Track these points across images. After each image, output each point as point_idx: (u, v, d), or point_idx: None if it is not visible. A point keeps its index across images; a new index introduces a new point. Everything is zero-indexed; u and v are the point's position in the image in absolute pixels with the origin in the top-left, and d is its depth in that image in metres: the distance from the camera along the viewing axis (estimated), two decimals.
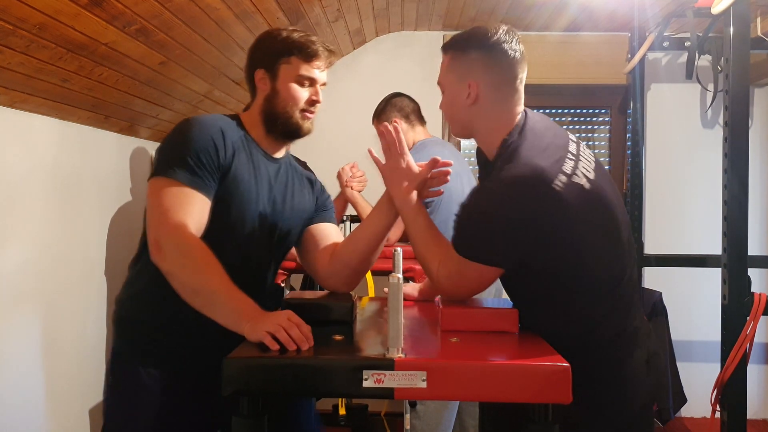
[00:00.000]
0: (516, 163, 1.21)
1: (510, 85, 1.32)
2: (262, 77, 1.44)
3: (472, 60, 1.32)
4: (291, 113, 1.42)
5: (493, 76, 1.31)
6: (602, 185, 1.26)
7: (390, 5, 2.84)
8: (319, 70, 1.43)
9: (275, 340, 1.10)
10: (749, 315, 1.98)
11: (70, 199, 2.09)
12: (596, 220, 1.23)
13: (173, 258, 1.23)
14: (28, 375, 1.88)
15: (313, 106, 1.44)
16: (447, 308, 1.30)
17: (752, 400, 3.11)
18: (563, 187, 1.18)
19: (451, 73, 1.35)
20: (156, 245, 1.24)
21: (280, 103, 1.42)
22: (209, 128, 1.35)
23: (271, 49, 1.43)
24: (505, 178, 1.20)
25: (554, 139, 1.27)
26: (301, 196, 1.53)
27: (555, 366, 1.03)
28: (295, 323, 1.12)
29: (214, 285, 1.20)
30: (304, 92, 1.42)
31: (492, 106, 1.32)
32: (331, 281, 1.53)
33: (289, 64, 1.41)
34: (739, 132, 2.01)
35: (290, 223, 1.50)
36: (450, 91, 1.36)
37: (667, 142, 3.28)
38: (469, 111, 1.33)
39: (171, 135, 1.38)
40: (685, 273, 3.15)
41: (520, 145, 1.24)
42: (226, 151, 1.35)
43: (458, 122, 1.38)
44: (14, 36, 1.47)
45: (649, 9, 2.78)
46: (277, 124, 1.43)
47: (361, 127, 3.12)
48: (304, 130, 1.44)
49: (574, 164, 1.23)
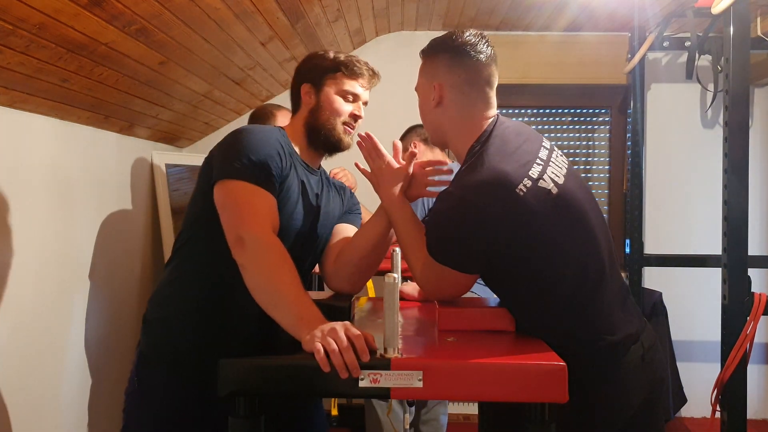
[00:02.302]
0: (479, 168, 1.21)
1: (475, 87, 1.32)
2: (308, 91, 1.51)
3: (439, 62, 1.34)
4: (334, 125, 1.48)
5: (455, 77, 1.32)
6: (573, 191, 1.25)
7: (390, 5, 2.84)
8: (363, 88, 1.51)
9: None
10: (749, 315, 1.98)
11: (70, 199, 2.10)
12: (564, 224, 1.22)
13: (252, 253, 1.25)
14: (27, 375, 1.89)
15: (355, 121, 1.51)
16: (444, 308, 1.30)
17: (752, 400, 3.11)
18: (527, 192, 1.18)
19: (422, 75, 1.38)
20: (239, 241, 1.26)
21: (324, 114, 1.48)
22: (271, 138, 1.41)
23: (318, 65, 1.51)
24: (468, 183, 1.20)
25: (523, 145, 1.27)
26: (334, 203, 1.59)
27: (551, 365, 1.03)
28: (353, 337, 1.05)
29: (283, 286, 1.21)
30: (347, 106, 1.49)
31: (457, 109, 1.32)
32: (334, 280, 1.55)
33: (335, 79, 1.49)
34: (739, 132, 2.01)
35: (327, 232, 1.56)
36: (421, 95, 1.39)
37: (667, 142, 3.27)
38: (435, 113, 1.35)
39: (233, 141, 1.39)
40: (685, 273, 3.15)
41: (485, 150, 1.24)
42: (284, 163, 1.40)
43: (429, 126, 1.40)
44: (14, 36, 1.48)
45: (649, 9, 2.77)
46: (320, 135, 1.48)
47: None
48: (345, 143, 1.50)
49: (542, 169, 1.23)
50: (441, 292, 1.34)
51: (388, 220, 1.47)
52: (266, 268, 1.23)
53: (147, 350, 1.44)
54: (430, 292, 1.35)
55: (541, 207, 1.19)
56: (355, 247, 1.50)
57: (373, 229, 1.49)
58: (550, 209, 1.20)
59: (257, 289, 1.23)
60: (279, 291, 1.20)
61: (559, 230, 1.22)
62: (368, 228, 1.50)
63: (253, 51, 2.45)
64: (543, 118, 3.46)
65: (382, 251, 1.52)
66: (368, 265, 1.52)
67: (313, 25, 2.57)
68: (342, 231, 1.59)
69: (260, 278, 1.23)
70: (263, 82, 2.89)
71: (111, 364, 2.37)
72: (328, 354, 1.03)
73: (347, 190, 1.66)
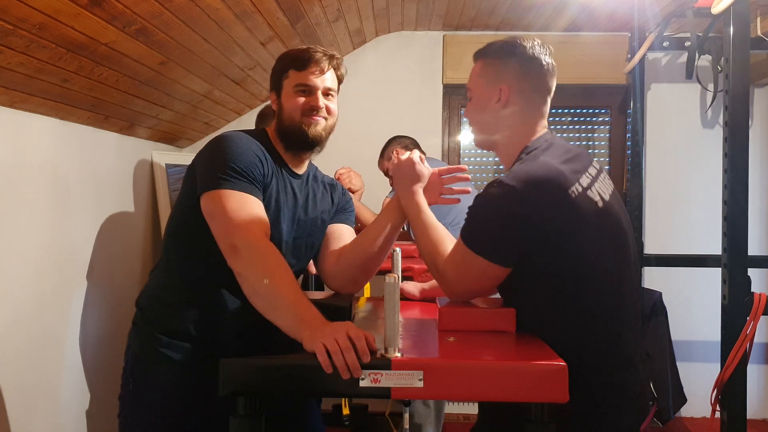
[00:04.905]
0: (535, 163, 1.22)
1: (540, 95, 1.36)
2: (274, 99, 1.51)
3: (507, 66, 1.35)
4: (294, 121, 1.46)
5: (525, 84, 1.34)
6: (615, 209, 1.27)
7: (390, 5, 2.84)
8: (314, 76, 1.46)
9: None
10: (749, 315, 1.98)
11: (70, 199, 2.10)
12: (604, 238, 1.23)
13: (248, 260, 1.25)
14: (27, 375, 1.89)
15: (314, 111, 1.46)
16: (445, 308, 1.30)
17: (752, 400, 3.11)
18: (577, 196, 1.19)
19: (483, 77, 1.38)
20: (232, 249, 1.26)
21: (285, 116, 1.47)
22: (252, 145, 1.40)
23: (276, 70, 1.51)
24: (521, 175, 1.21)
25: (576, 156, 1.29)
26: (323, 204, 1.58)
27: (552, 365, 1.03)
28: (355, 338, 1.05)
29: (280, 289, 1.21)
30: (300, 99, 1.46)
31: (519, 113, 1.35)
32: (336, 280, 1.55)
33: (288, 78, 1.47)
34: (739, 132, 2.01)
35: (315, 236, 1.55)
36: (479, 95, 1.39)
37: (667, 142, 3.27)
38: (496, 115, 1.36)
39: (214, 150, 1.39)
40: (685, 273, 3.15)
41: (542, 151, 1.27)
42: (267, 169, 1.40)
43: (483, 127, 1.40)
44: (14, 36, 1.47)
45: (649, 9, 2.77)
46: (289, 137, 1.48)
47: (361, 127, 3.13)
48: (311, 135, 1.46)
49: (591, 182, 1.24)
50: (464, 284, 1.30)
51: (395, 219, 1.48)
52: (262, 273, 1.23)
53: (140, 351, 1.45)
54: (452, 282, 1.31)
55: (587, 215, 1.19)
56: (360, 247, 1.50)
57: (380, 230, 1.49)
58: (595, 220, 1.20)
59: (255, 294, 1.23)
60: (277, 294, 1.20)
61: (597, 243, 1.21)
62: (374, 229, 1.50)
63: (253, 51, 2.45)
64: None
65: (387, 252, 1.52)
66: (372, 266, 1.52)
67: (313, 25, 2.57)
68: (336, 230, 1.58)
69: (257, 283, 1.23)
70: (263, 82, 2.89)
71: (110, 365, 2.36)
72: (330, 354, 1.03)
73: (338, 187, 1.64)
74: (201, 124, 3.02)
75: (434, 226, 1.40)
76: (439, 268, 1.33)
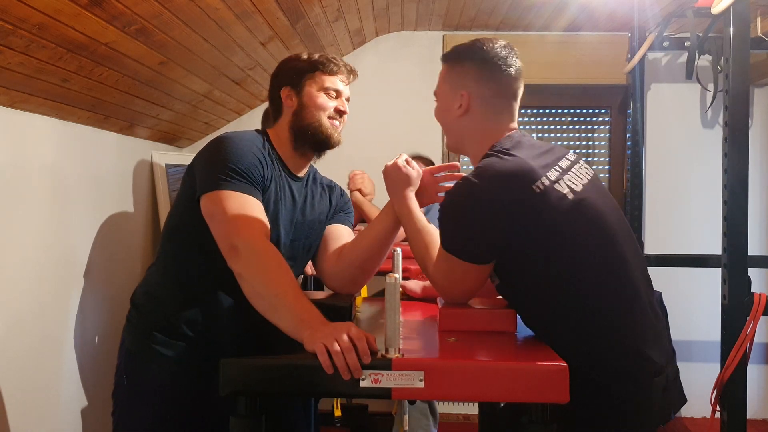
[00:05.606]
0: (498, 160, 1.20)
1: (502, 99, 1.33)
2: (289, 94, 1.50)
3: (466, 70, 1.33)
4: (320, 121, 1.47)
5: (484, 88, 1.32)
6: (591, 198, 1.23)
7: (390, 5, 2.84)
8: (342, 83, 1.51)
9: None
10: (749, 315, 1.98)
11: (70, 199, 2.10)
12: (579, 228, 1.20)
13: (248, 261, 1.25)
14: (26, 374, 1.88)
15: (341, 116, 1.50)
16: (445, 308, 1.30)
17: (752, 400, 3.11)
18: (543, 189, 1.17)
19: (446, 82, 1.38)
20: (233, 250, 1.26)
21: (309, 113, 1.48)
22: (252, 146, 1.40)
23: (295, 68, 1.51)
24: (484, 172, 1.19)
25: (545, 152, 1.27)
26: (321, 206, 1.58)
27: (552, 366, 1.03)
28: (355, 338, 1.05)
29: (281, 290, 1.21)
30: (331, 101, 1.49)
31: (482, 119, 1.33)
32: (335, 280, 1.55)
33: (314, 78, 1.49)
34: (739, 132, 2.01)
35: (312, 238, 1.55)
36: (443, 100, 1.38)
37: (667, 142, 3.27)
38: (460, 121, 1.34)
39: (214, 151, 1.39)
40: (685, 273, 3.15)
41: (507, 148, 1.24)
42: (266, 171, 1.40)
43: (450, 132, 1.39)
44: (14, 36, 1.47)
45: (649, 9, 2.77)
46: (307, 135, 1.48)
47: (361, 127, 3.12)
48: (334, 139, 1.49)
49: (559, 175, 1.22)
50: (452, 289, 1.30)
51: (393, 221, 1.48)
52: (263, 274, 1.23)
53: (134, 348, 1.45)
54: (443, 288, 1.32)
55: (556, 206, 1.17)
56: (360, 247, 1.51)
57: (379, 230, 1.49)
58: (566, 209, 1.18)
59: (255, 295, 1.23)
60: (277, 295, 1.20)
61: (578, 238, 1.19)
62: (373, 229, 1.50)
63: (253, 51, 2.45)
64: (543, 118, 3.45)
65: (387, 252, 1.52)
66: (372, 266, 1.52)
67: (313, 25, 2.57)
68: (335, 231, 1.59)
69: (258, 284, 1.23)
70: (263, 82, 2.88)
71: (110, 365, 2.36)
72: (331, 355, 1.03)
73: (336, 188, 1.65)
74: (201, 124, 3.02)
75: (425, 230, 1.39)
76: (430, 273, 1.34)
